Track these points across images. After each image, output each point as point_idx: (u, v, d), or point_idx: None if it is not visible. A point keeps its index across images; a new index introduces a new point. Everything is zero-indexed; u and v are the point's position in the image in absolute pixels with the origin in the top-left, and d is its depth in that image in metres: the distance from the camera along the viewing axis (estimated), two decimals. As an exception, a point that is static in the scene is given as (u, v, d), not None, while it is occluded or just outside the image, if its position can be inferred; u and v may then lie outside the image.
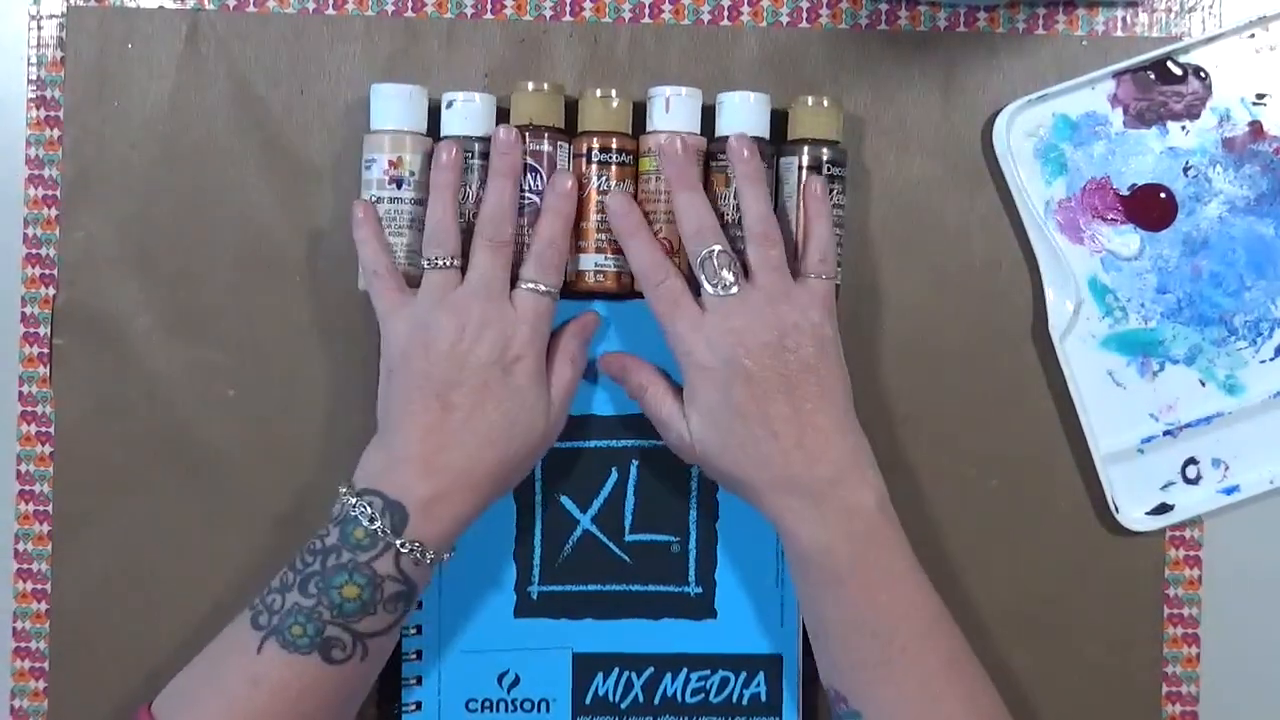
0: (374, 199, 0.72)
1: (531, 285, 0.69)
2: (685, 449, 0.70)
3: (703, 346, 0.68)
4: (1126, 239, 0.77)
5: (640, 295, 0.73)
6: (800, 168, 0.73)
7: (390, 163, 0.72)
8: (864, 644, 0.66)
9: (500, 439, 0.67)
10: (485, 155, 0.72)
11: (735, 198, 0.71)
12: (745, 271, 0.70)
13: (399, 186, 0.72)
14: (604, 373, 0.73)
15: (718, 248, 0.69)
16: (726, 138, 0.73)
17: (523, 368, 0.68)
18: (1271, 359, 0.77)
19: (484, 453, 0.67)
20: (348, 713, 0.68)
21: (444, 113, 0.73)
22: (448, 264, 0.69)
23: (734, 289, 0.68)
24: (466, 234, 0.71)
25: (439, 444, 0.66)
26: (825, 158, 0.73)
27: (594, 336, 0.74)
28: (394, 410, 0.68)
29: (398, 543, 0.65)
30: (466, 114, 0.72)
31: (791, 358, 0.67)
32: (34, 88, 0.76)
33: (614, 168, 0.73)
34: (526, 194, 0.72)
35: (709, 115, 0.74)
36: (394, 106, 0.72)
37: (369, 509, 0.65)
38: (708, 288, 0.68)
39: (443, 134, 0.73)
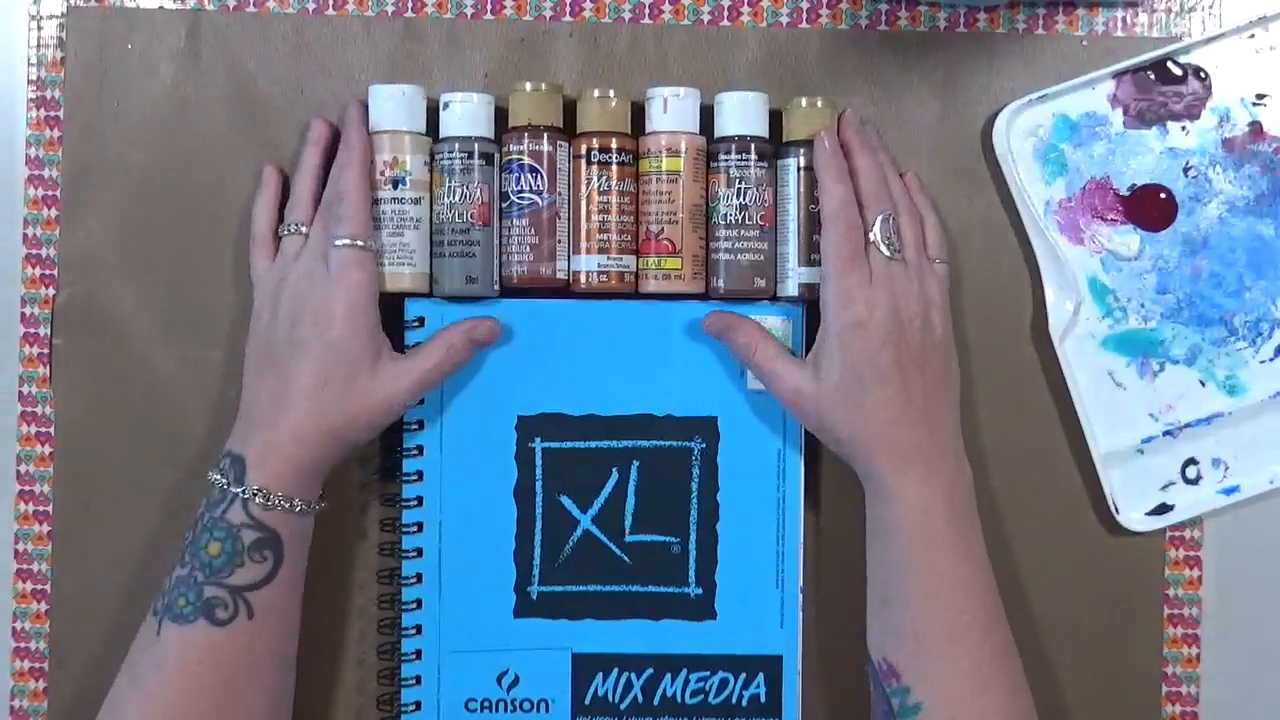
0: (373, 199, 0.72)
1: (340, 242, 0.69)
2: (801, 400, 0.70)
3: (864, 304, 0.69)
4: (1126, 239, 0.77)
5: (639, 296, 0.74)
6: (799, 169, 0.73)
7: (387, 163, 0.72)
8: (936, 614, 0.67)
9: (314, 394, 0.68)
10: (485, 155, 0.72)
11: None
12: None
13: (396, 186, 0.72)
14: (706, 333, 0.73)
15: (892, 212, 0.71)
16: (730, 137, 0.73)
17: (337, 324, 0.69)
18: (1271, 359, 0.77)
19: (301, 406, 0.68)
20: (269, 685, 0.68)
21: (442, 114, 0.73)
22: (297, 230, 0.71)
23: (899, 255, 0.70)
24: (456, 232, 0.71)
25: (265, 400, 0.69)
26: (824, 158, 0.73)
27: (573, 336, 0.74)
28: (245, 372, 0.71)
29: (238, 491, 0.68)
30: (464, 114, 0.73)
31: (929, 336, 0.70)
32: (34, 88, 0.76)
33: (614, 168, 0.73)
34: (526, 194, 0.72)
35: (708, 115, 0.74)
36: (391, 107, 0.73)
37: (219, 469, 0.69)
38: (883, 249, 0.70)
39: (441, 135, 0.73)
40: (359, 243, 0.69)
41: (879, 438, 0.69)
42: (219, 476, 0.68)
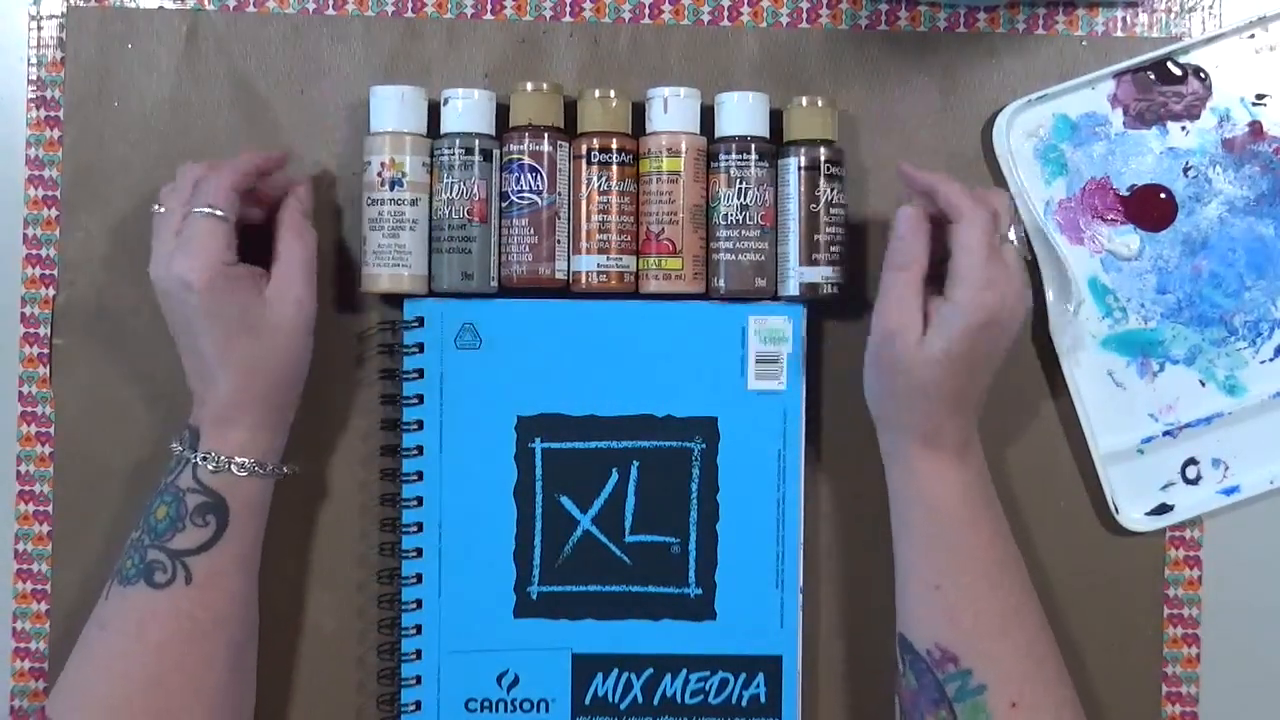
0: (369, 200, 0.72)
1: (196, 211, 0.68)
2: (903, 356, 0.68)
3: (999, 296, 0.67)
4: (1126, 239, 0.77)
5: (639, 296, 0.74)
6: (799, 169, 0.73)
7: (383, 164, 0.72)
8: (987, 596, 0.68)
9: (228, 354, 0.68)
10: (484, 152, 0.72)
11: (739, 196, 0.72)
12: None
13: (393, 188, 0.72)
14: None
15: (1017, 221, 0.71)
16: (731, 137, 0.73)
17: (204, 290, 0.67)
18: (1271, 359, 0.77)
19: (227, 367, 0.68)
20: (216, 658, 0.68)
21: (443, 110, 0.73)
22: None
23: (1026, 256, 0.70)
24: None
25: (197, 379, 0.70)
26: (823, 157, 0.73)
27: (569, 325, 0.74)
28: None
29: (191, 456, 0.68)
30: (465, 110, 0.73)
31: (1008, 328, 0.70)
32: (34, 88, 0.76)
33: (614, 168, 0.73)
34: (526, 194, 0.72)
35: (709, 115, 0.74)
36: (391, 108, 0.73)
37: (179, 439, 0.69)
38: (1013, 236, 0.69)
39: (442, 131, 0.73)
40: (212, 210, 0.68)
41: (934, 415, 0.68)
42: (177, 445, 0.69)
